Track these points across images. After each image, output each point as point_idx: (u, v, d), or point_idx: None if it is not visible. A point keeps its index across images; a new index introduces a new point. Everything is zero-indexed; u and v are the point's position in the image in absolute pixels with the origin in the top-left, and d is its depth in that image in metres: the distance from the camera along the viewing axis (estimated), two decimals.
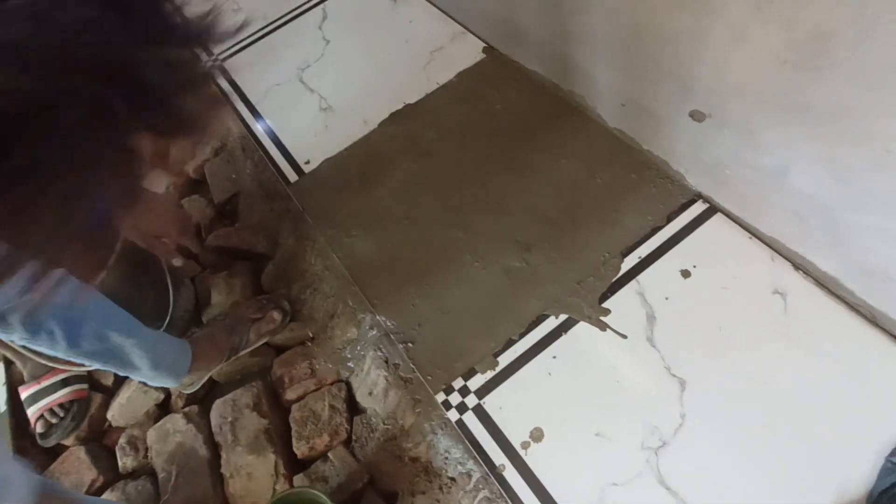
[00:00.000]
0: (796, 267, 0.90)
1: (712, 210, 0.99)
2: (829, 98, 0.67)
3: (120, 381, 1.17)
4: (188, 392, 1.11)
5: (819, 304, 0.87)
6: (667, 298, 0.93)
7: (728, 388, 0.84)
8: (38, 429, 1.07)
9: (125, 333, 0.86)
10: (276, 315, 1.12)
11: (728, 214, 0.98)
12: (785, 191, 0.83)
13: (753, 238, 0.95)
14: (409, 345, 1.00)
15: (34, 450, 1.11)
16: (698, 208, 1.01)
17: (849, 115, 0.67)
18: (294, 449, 1.02)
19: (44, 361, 1.01)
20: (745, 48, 0.72)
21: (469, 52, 1.38)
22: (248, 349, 1.11)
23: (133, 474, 1.06)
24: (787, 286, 0.89)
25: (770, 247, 0.93)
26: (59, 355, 0.82)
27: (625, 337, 0.91)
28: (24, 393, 1.08)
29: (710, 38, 0.76)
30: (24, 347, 0.84)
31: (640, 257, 0.98)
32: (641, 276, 0.96)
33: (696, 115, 0.88)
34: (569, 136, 1.16)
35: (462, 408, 0.91)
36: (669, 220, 1.01)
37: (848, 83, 0.64)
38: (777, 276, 0.90)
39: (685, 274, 0.95)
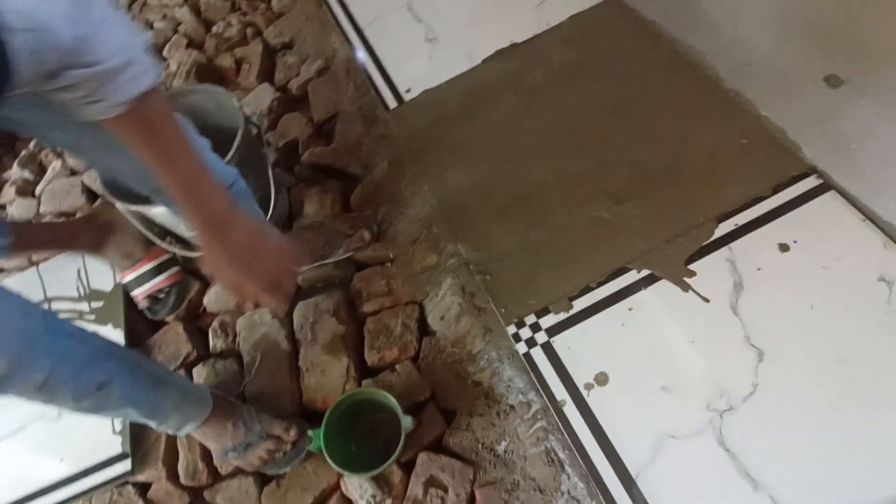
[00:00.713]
0: None
1: (825, 186, 0.94)
2: None
3: None
4: None
5: None
6: (759, 269, 0.90)
7: (810, 367, 0.82)
8: (146, 304, 1.20)
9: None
10: (366, 235, 1.18)
11: (843, 193, 0.92)
12: None
13: (867, 221, 0.89)
14: (487, 277, 1.03)
15: (141, 322, 1.25)
16: (810, 183, 0.95)
17: None
18: (365, 356, 1.09)
19: (156, 239, 1.13)
20: None
21: None
22: (335, 259, 1.18)
23: (221, 355, 1.17)
24: None
25: (885, 232, 0.87)
26: None
27: (707, 301, 0.90)
28: (126, 278, 1.21)
29: None
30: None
31: (736, 225, 0.95)
32: (735, 244, 0.93)
33: (833, 80, 0.82)
34: (680, 92, 1.11)
35: (531, 342, 0.94)
36: (775, 191, 0.96)
37: None
38: (887, 263, 0.85)
39: (783, 248, 0.91)
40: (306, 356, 1.11)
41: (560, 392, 0.89)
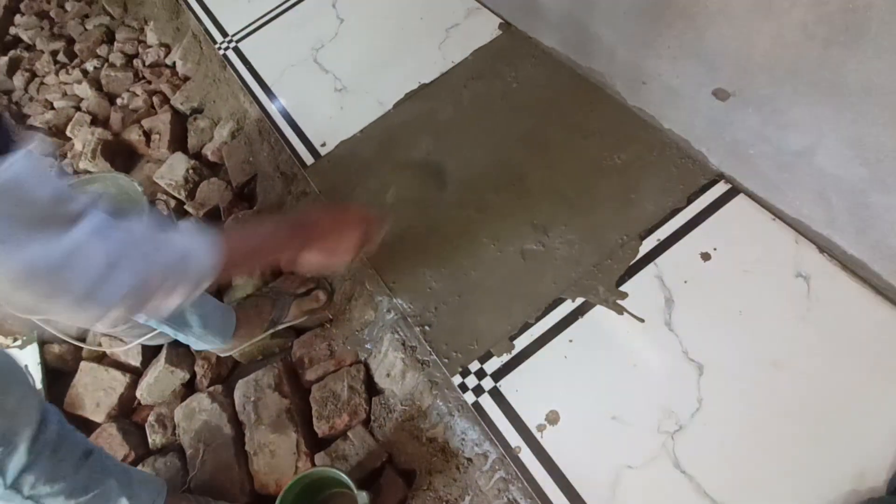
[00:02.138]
0: (821, 249, 0.88)
1: (734, 191, 0.97)
2: (860, 75, 0.65)
3: (147, 361, 1.21)
4: (224, 356, 1.14)
5: (844, 287, 0.85)
6: (686, 282, 0.92)
7: (747, 373, 0.83)
8: None
9: None
10: (322, 295, 1.14)
11: (751, 195, 0.95)
12: (811, 171, 0.80)
13: (777, 220, 0.92)
14: (426, 328, 1.00)
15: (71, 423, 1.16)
16: (720, 189, 0.98)
17: (879, 93, 0.64)
18: (315, 428, 1.04)
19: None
20: (772, 23, 0.69)
21: (485, 28, 1.35)
22: (288, 324, 1.13)
23: (162, 450, 1.10)
24: (812, 269, 0.87)
25: (794, 229, 0.91)
26: None
27: (642, 321, 0.91)
28: None
29: (735, 13, 0.73)
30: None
31: (658, 240, 0.97)
32: (660, 259, 0.95)
33: (720, 94, 0.85)
34: (587, 114, 1.13)
35: (478, 390, 0.92)
36: (690, 201, 0.99)
37: (879, 60, 0.62)
38: (801, 259, 0.88)
39: (705, 256, 0.93)
40: (252, 438, 1.05)
41: (514, 438, 0.87)
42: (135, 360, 1.20)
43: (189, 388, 1.18)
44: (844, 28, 0.62)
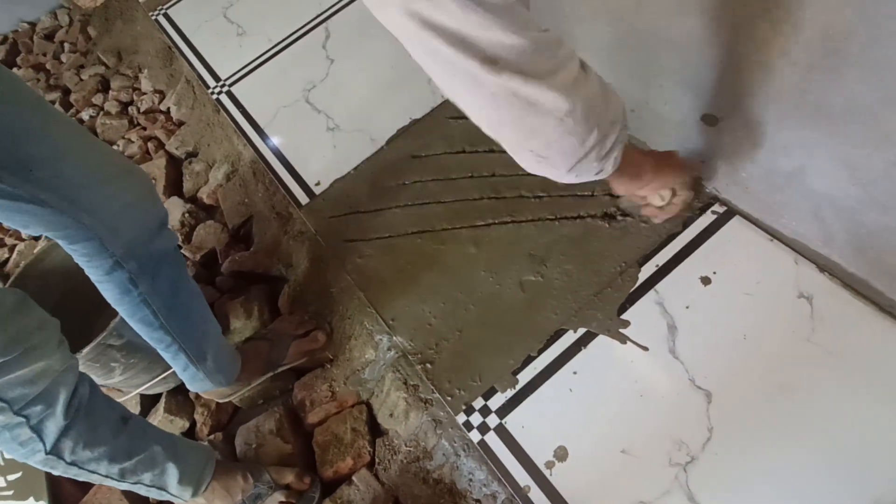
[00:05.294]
0: (821, 269, 0.87)
1: (730, 213, 0.97)
2: (844, 98, 0.65)
3: (146, 411, 1.19)
4: (223, 401, 1.12)
5: (848, 306, 0.84)
6: (687, 307, 0.91)
7: (756, 399, 0.81)
8: None
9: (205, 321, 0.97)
10: (321, 335, 1.13)
11: (747, 217, 0.95)
12: (803, 192, 0.80)
13: (774, 241, 0.92)
14: (427, 365, 0.99)
15: (68, 485, 1.14)
16: (715, 212, 0.98)
17: (864, 114, 0.64)
18: (318, 473, 1.02)
19: None
20: (755, 50, 0.70)
21: None
22: (287, 366, 1.12)
23: None
24: (813, 289, 0.86)
25: (793, 249, 0.90)
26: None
27: (646, 349, 0.90)
28: None
29: (717, 42, 0.74)
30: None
31: (657, 266, 0.96)
32: (660, 286, 0.94)
33: (708, 119, 0.86)
34: None
35: (484, 428, 0.90)
36: (686, 225, 0.99)
37: (862, 82, 0.62)
38: (802, 279, 0.88)
39: (705, 281, 0.93)
40: None
41: (522, 477, 0.84)
42: (133, 411, 1.18)
43: (189, 436, 1.16)
44: (824, 54, 0.63)
